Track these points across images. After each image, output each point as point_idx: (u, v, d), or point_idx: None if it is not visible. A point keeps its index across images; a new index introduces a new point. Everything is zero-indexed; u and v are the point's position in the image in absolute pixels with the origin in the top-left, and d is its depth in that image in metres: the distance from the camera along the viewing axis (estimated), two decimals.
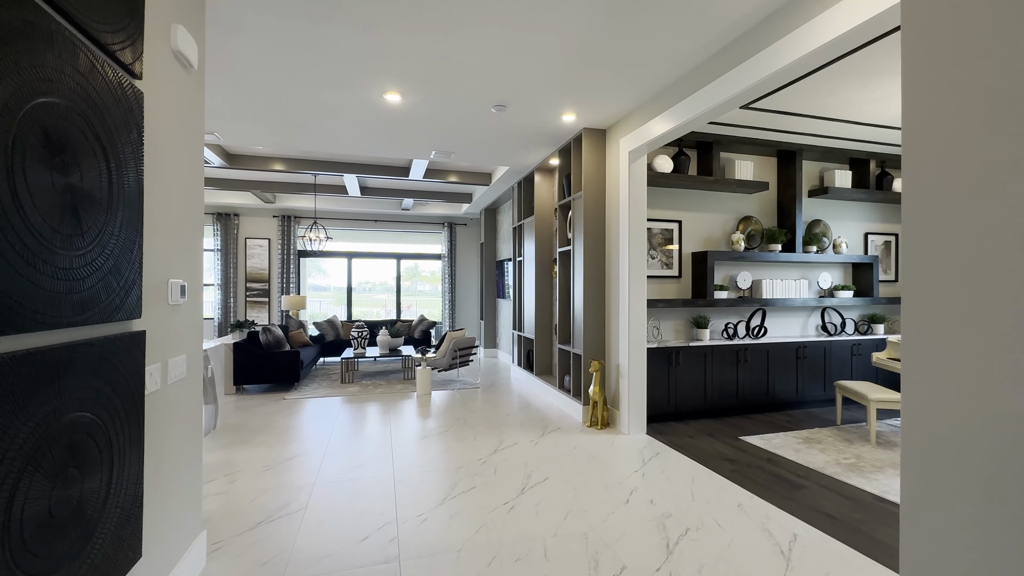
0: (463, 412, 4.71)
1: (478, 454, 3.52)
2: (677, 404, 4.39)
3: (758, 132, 4.53)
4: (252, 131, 4.54)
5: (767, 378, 4.67)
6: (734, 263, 4.96)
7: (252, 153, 5.77)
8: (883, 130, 4.46)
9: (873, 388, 3.95)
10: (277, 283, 8.45)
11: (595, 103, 3.81)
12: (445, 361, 5.82)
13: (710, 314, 4.86)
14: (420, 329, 8.10)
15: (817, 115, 4.11)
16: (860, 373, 5.00)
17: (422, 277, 10.22)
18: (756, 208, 5.03)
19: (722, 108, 3.09)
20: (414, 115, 4.08)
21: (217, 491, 2.85)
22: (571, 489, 2.89)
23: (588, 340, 4.36)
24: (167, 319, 1.74)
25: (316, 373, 6.81)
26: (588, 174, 4.38)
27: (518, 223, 6.42)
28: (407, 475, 3.11)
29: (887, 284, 5.57)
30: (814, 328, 5.25)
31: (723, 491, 2.88)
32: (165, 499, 1.75)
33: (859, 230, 5.46)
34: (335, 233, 8.82)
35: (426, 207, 8.73)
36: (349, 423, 4.31)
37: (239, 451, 3.57)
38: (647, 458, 3.44)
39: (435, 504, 2.69)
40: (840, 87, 3.56)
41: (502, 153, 5.25)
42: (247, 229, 8.38)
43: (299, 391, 5.61)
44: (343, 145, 4.99)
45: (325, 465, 3.28)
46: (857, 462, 3.37)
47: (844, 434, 4.02)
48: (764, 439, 3.88)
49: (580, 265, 4.43)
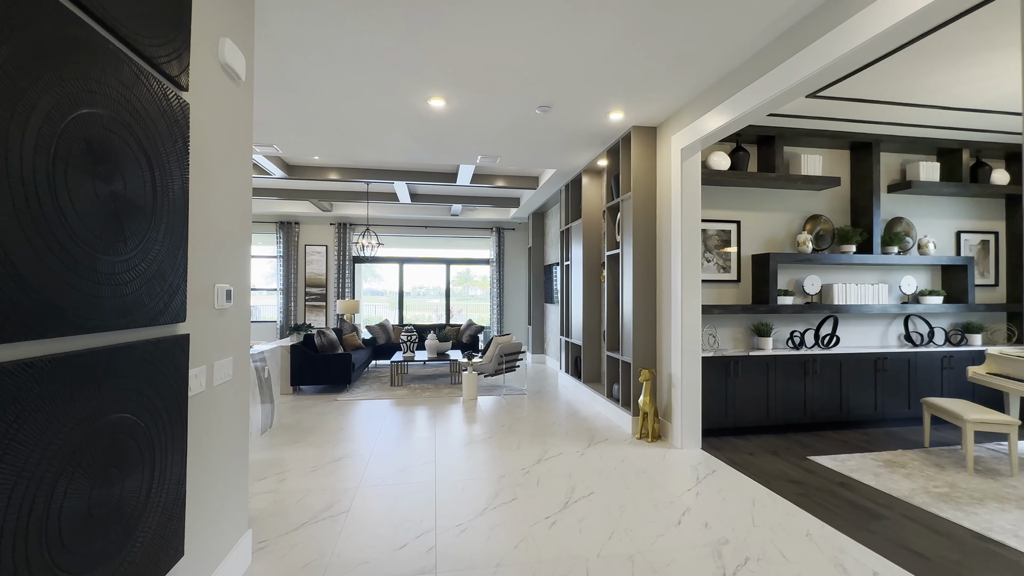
0: (508, 419, 4.64)
1: (521, 463, 3.42)
2: (736, 418, 4.08)
3: (827, 123, 4.15)
4: (308, 142, 4.74)
5: (839, 392, 4.25)
6: (800, 266, 4.57)
7: (309, 164, 6.04)
8: (980, 115, 3.95)
9: (969, 407, 3.47)
10: (333, 288, 8.81)
11: (644, 99, 3.64)
12: (491, 366, 5.78)
13: (773, 321, 4.50)
14: (468, 334, 8.15)
15: (898, 101, 3.70)
16: (952, 389, 4.44)
17: (473, 282, 10.30)
18: (826, 206, 4.62)
19: (785, 98, 2.83)
20: (458, 120, 4.09)
21: (267, 489, 2.95)
22: (617, 506, 2.73)
23: (638, 347, 4.16)
24: (213, 322, 1.79)
25: (368, 375, 7.00)
26: (638, 174, 4.19)
27: (565, 226, 6.29)
28: (449, 482, 3.07)
29: (985, 289, 4.93)
30: (896, 338, 4.73)
31: (788, 517, 2.61)
32: (210, 499, 1.79)
33: (950, 228, 4.87)
34: (387, 239, 9.08)
35: (474, 212, 8.80)
36: (396, 426, 4.36)
37: (291, 450, 3.69)
38: (702, 476, 3.20)
39: (475, 514, 2.63)
40: (923, 69, 3.17)
41: (548, 155, 5.16)
42: (306, 237, 8.80)
43: (351, 393, 5.78)
44: (392, 153, 5.10)
45: (370, 468, 3.32)
46: (951, 491, 2.96)
47: (933, 458, 3.56)
48: (836, 460, 3.51)
49: (629, 269, 4.25)
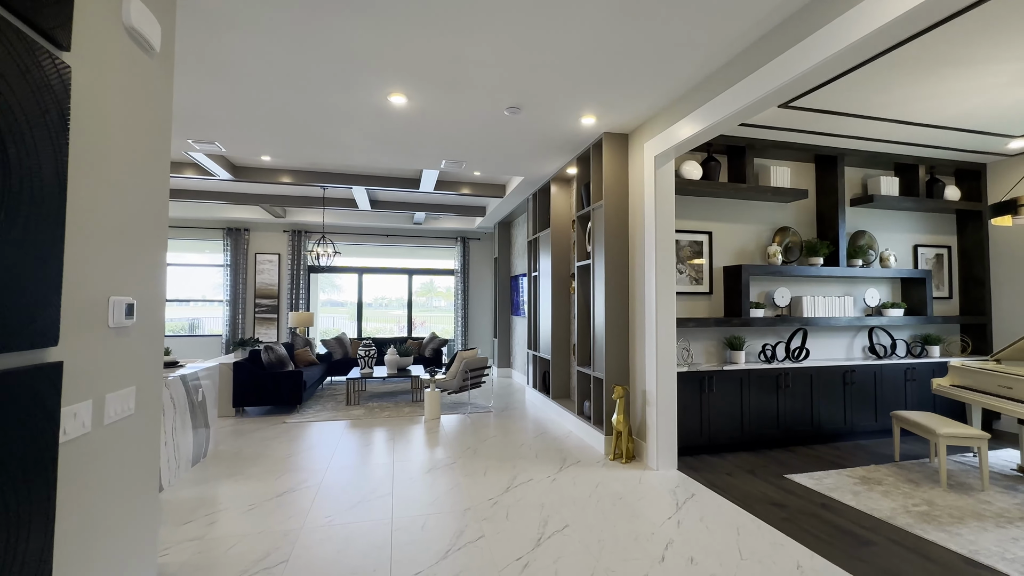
0: (473, 440, 4.33)
1: (488, 492, 3.13)
2: (711, 435, 3.94)
3: (795, 135, 4.14)
4: (255, 140, 4.33)
5: (811, 406, 4.20)
6: (771, 278, 4.53)
7: (258, 165, 5.59)
8: (937, 131, 4.04)
9: (940, 421, 3.45)
10: (287, 299, 8.25)
11: (617, 104, 3.49)
12: (455, 383, 5.46)
13: (745, 334, 4.42)
14: (431, 347, 7.78)
15: (863, 114, 3.72)
16: (914, 400, 4.48)
17: (437, 293, 9.95)
18: (793, 218, 4.62)
19: (758, 106, 2.74)
20: (422, 120, 3.82)
21: (192, 536, 2.52)
22: (595, 541, 2.48)
23: (611, 363, 3.97)
24: (105, 345, 1.43)
25: (322, 394, 6.50)
26: (609, 182, 4.04)
27: (533, 236, 6.09)
28: (407, 519, 2.74)
29: (940, 301, 5.06)
30: (861, 350, 4.75)
31: (776, 547, 2.43)
32: (97, 568, 1.41)
33: (908, 242, 4.98)
34: (346, 248, 8.62)
35: (439, 221, 8.49)
36: (349, 452, 3.97)
37: (227, 485, 3.24)
38: (681, 501, 3.00)
39: (436, 558, 2.31)
40: (892, 82, 3.17)
41: (516, 162, 4.95)
42: (257, 244, 8.22)
43: (301, 414, 5.30)
44: (350, 155, 4.75)
45: (317, 504, 2.93)
46: (930, 510, 2.89)
47: (906, 473, 3.52)
48: (814, 478, 3.41)
49: (601, 280, 4.07)
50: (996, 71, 3.00)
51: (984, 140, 4.27)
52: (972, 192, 4.95)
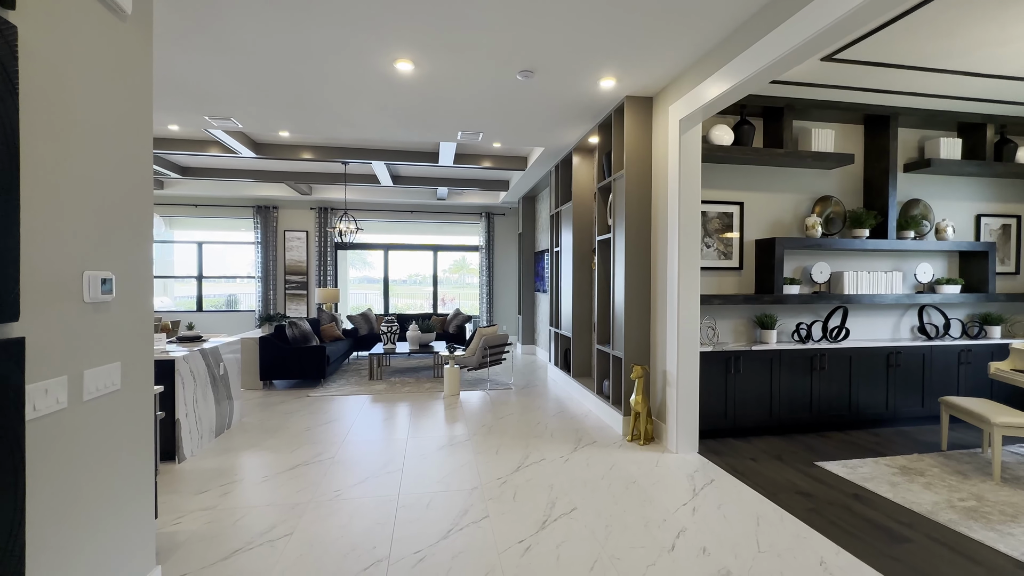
0: (490, 417, 4.29)
1: (498, 471, 3.07)
2: (736, 418, 3.74)
3: (841, 93, 3.74)
4: (269, 115, 4.30)
5: (848, 389, 3.91)
6: (808, 252, 4.19)
7: (278, 141, 5.59)
8: (1010, 84, 3.55)
9: (995, 408, 3.13)
10: (315, 275, 8.40)
11: (638, 63, 3.22)
12: (475, 360, 5.42)
13: (777, 312, 4.14)
14: (455, 324, 7.77)
15: (921, 66, 3.29)
16: (968, 386, 4.10)
17: (469, 269, 9.92)
18: (837, 186, 4.23)
19: (795, 58, 2.43)
20: (432, 88, 3.66)
21: (206, 505, 2.58)
22: (602, 526, 2.39)
23: (630, 341, 3.80)
24: (80, 321, 1.40)
25: (347, 368, 6.63)
26: (631, 150, 3.78)
27: (555, 210, 5.89)
28: (414, 496, 2.72)
29: (1005, 277, 4.57)
30: (909, 330, 4.38)
31: (799, 540, 2.27)
32: (83, 543, 1.42)
33: (969, 211, 4.49)
34: (371, 225, 8.65)
35: (462, 196, 8.37)
36: (367, 427, 4.01)
37: (246, 455, 3.33)
38: (699, 486, 2.86)
39: (438, 537, 2.28)
40: (957, 24, 2.76)
41: (535, 132, 4.73)
42: (286, 222, 8.36)
43: (325, 388, 5.41)
44: (365, 128, 4.66)
45: (328, 478, 2.96)
46: (978, 505, 2.63)
47: (954, 464, 3.23)
48: (847, 467, 3.18)
49: (621, 254, 3.87)
50: None
51: None
52: None
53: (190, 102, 3.97)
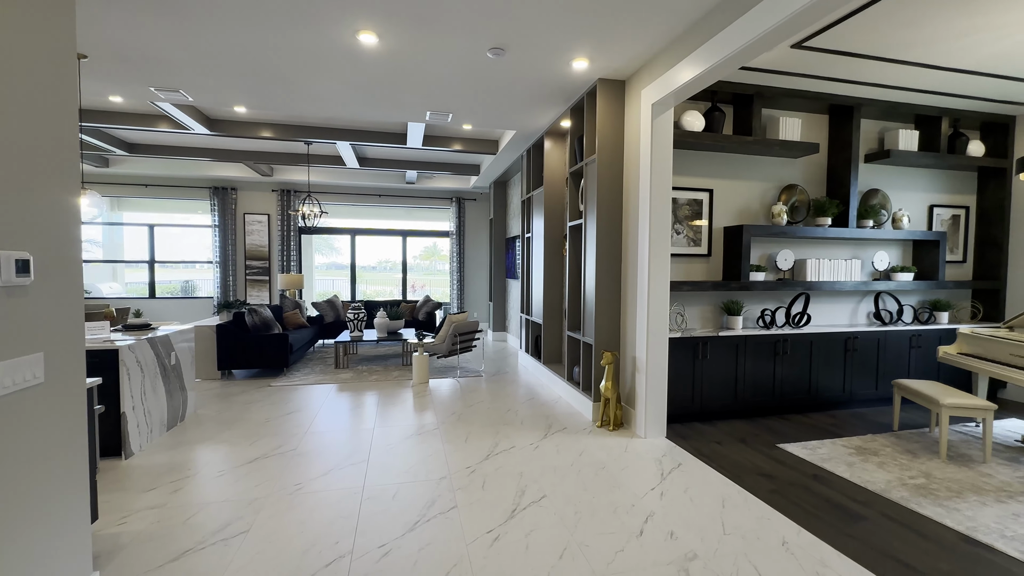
0: (460, 405, 4.23)
1: (467, 460, 3.02)
2: (703, 402, 3.80)
3: (809, 82, 3.78)
4: (223, 87, 4.02)
5: (809, 373, 4.03)
6: (774, 240, 4.27)
7: (234, 117, 5.27)
8: (966, 78, 3.66)
9: (944, 390, 3.28)
10: (278, 261, 8.07)
11: (611, 43, 3.14)
12: (444, 347, 5.33)
13: (743, 299, 4.21)
14: (425, 311, 7.64)
15: (885, 56, 3.35)
16: (919, 369, 4.31)
17: (440, 256, 9.76)
18: (802, 175, 4.30)
19: (767, 42, 2.42)
20: (399, 64, 3.49)
21: (154, 503, 2.43)
22: (572, 513, 2.37)
23: (601, 327, 3.79)
24: None
25: (311, 357, 6.42)
26: (603, 134, 3.73)
27: (527, 196, 5.81)
28: (380, 487, 2.64)
29: (953, 265, 4.79)
30: (865, 316, 4.55)
31: (762, 521, 2.31)
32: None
33: (923, 202, 4.67)
34: (337, 209, 8.35)
35: (432, 180, 8.16)
36: (331, 417, 3.88)
37: (199, 450, 3.16)
38: (667, 470, 2.89)
39: (405, 529, 2.21)
40: (922, 14, 2.80)
41: (506, 114, 4.61)
42: (245, 204, 7.97)
43: (288, 377, 5.22)
44: (328, 105, 4.43)
45: (289, 470, 2.84)
46: (927, 483, 2.76)
47: (904, 443, 3.38)
48: (807, 448, 3.28)
49: (593, 240, 3.83)
50: None
51: (1016, 88, 3.89)
52: (997, 148, 4.59)
53: (133, 71, 3.66)
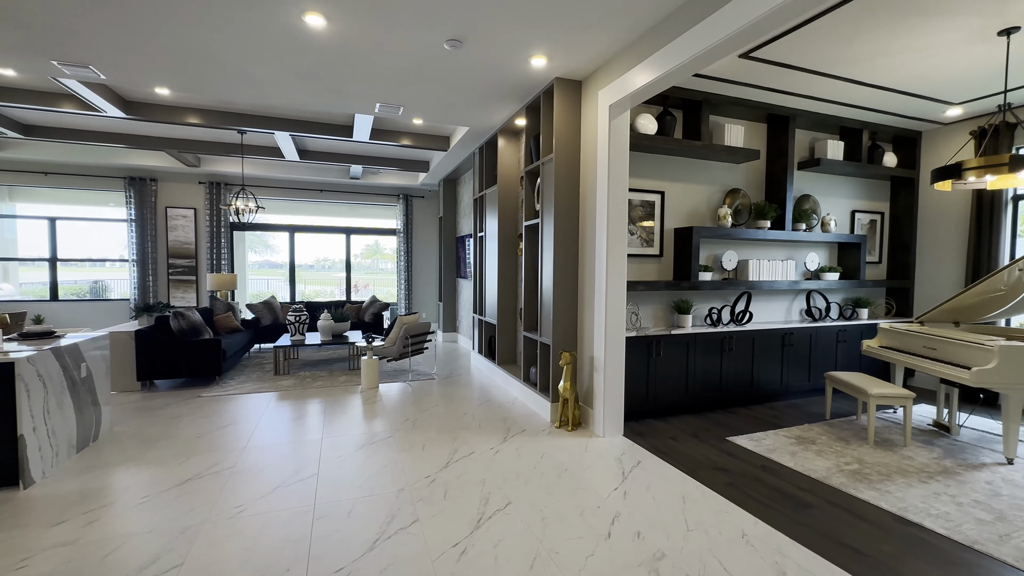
0: (413, 410, 4.07)
1: (426, 469, 2.89)
2: (656, 399, 3.90)
3: (752, 92, 3.98)
4: (143, 66, 3.59)
5: (751, 368, 4.25)
6: (720, 241, 4.46)
7: (156, 100, 4.76)
8: (885, 95, 4.00)
9: (871, 381, 3.56)
10: (206, 259, 7.42)
11: (570, 41, 3.13)
12: (395, 350, 5.12)
13: (693, 298, 4.37)
14: (371, 312, 7.33)
15: (820, 70, 3.59)
16: (844, 361, 4.67)
17: (384, 255, 9.43)
18: (744, 180, 4.53)
19: (719, 51, 2.52)
20: (349, 51, 3.28)
21: (64, 540, 2.10)
22: (539, 519, 2.32)
23: (558, 328, 3.78)
24: None
25: (247, 363, 5.96)
26: (561, 133, 3.72)
27: (479, 194, 5.71)
28: (332, 504, 2.45)
29: (872, 266, 5.25)
30: (798, 313, 4.87)
31: (721, 515, 2.38)
32: None
33: (847, 207, 5.08)
34: (274, 204, 7.82)
35: (378, 176, 7.85)
36: (273, 428, 3.59)
37: (118, 473, 2.80)
38: (628, 469, 2.91)
39: (362, 550, 2.05)
40: (858, 32, 3.02)
41: (461, 109, 4.49)
42: (168, 196, 7.25)
43: (221, 386, 4.79)
44: (267, 92, 4.10)
45: (227, 491, 2.57)
46: (861, 468, 2.97)
47: (837, 431, 3.64)
48: (754, 440, 3.45)
49: (550, 240, 3.81)
50: (958, 26, 2.91)
51: (925, 107, 4.31)
52: (907, 159, 5.08)
53: (32, 40, 3.18)
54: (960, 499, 2.57)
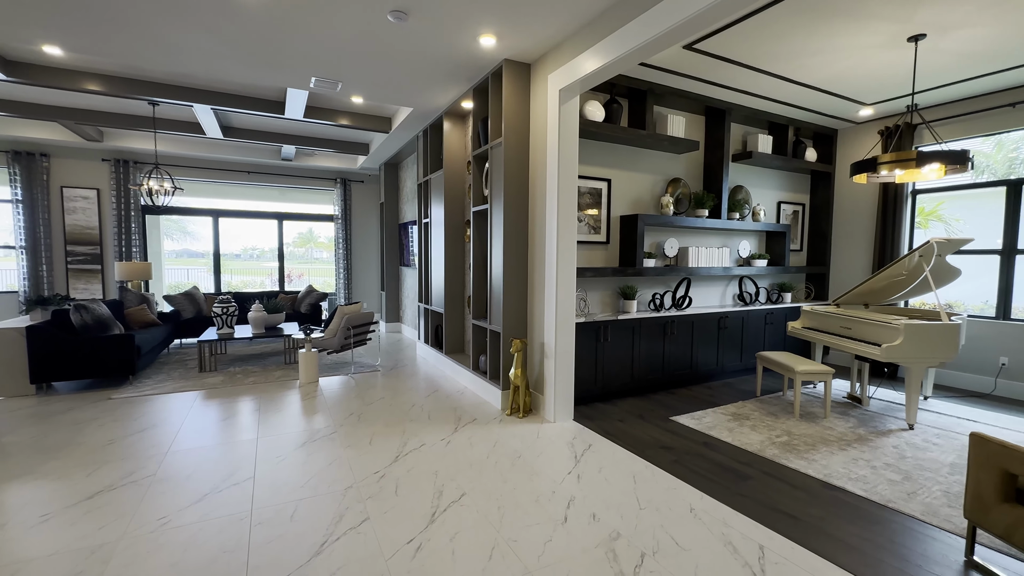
0: (358, 404, 3.88)
1: (374, 464, 2.76)
2: (604, 383, 3.98)
3: (692, 84, 4.11)
4: (29, 20, 3.08)
5: (691, 351, 4.46)
6: (662, 229, 4.61)
7: (45, 62, 4.12)
8: (809, 92, 4.29)
9: (796, 359, 3.85)
10: (113, 247, 6.64)
11: (521, 22, 3.05)
12: (336, 341, 4.86)
13: (638, 284, 4.50)
14: (308, 303, 6.92)
15: (755, 66, 3.76)
16: (771, 342, 5.03)
17: (319, 243, 8.92)
18: (685, 170, 4.70)
19: (665, 40, 2.58)
20: (283, 17, 2.99)
21: None
22: (495, 508, 2.29)
23: (508, 315, 3.74)
24: None
25: (167, 360, 5.43)
26: (510, 117, 3.64)
27: (424, 179, 5.52)
28: (272, 508, 2.27)
29: (795, 253, 5.67)
30: (732, 297, 5.17)
31: (671, 492, 2.46)
32: None
33: (774, 198, 5.43)
34: (196, 186, 7.14)
35: (313, 158, 7.38)
36: (200, 429, 3.28)
37: (9, 491, 2.43)
38: (580, 452, 2.95)
39: (308, 555, 1.91)
40: (790, 30, 3.18)
41: (404, 88, 4.28)
42: (63, 175, 6.39)
43: (136, 386, 4.32)
44: (186, 59, 3.68)
45: (148, 502, 2.31)
46: (790, 440, 3.20)
47: (767, 407, 3.91)
48: (695, 418, 3.62)
49: (499, 227, 3.75)
50: (876, 29, 3.15)
51: (842, 106, 4.67)
52: (825, 155, 5.50)
53: None
54: (874, 463, 2.84)
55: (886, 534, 2.11)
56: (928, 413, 3.77)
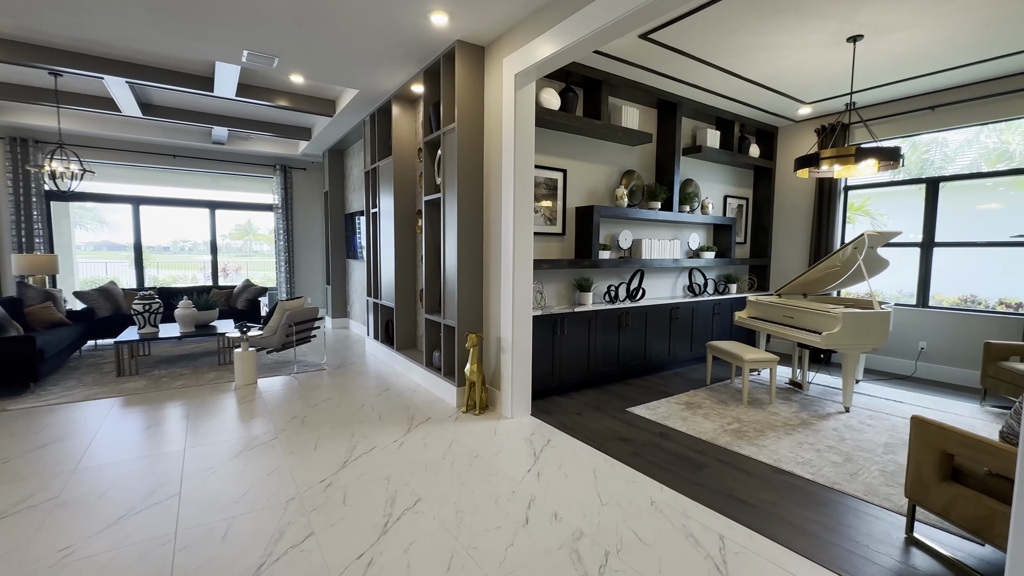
0: (301, 406, 3.62)
1: (320, 472, 2.56)
2: (561, 376, 3.94)
3: (646, 75, 4.11)
4: None
5: (644, 342, 4.51)
6: (617, 221, 4.62)
7: None
8: (755, 89, 4.41)
9: (744, 348, 3.97)
10: (9, 237, 5.85)
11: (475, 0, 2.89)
12: (276, 339, 4.52)
13: (594, 276, 4.48)
14: (245, 298, 6.43)
15: (706, 59, 3.81)
16: (719, 332, 5.19)
17: (258, 235, 8.31)
18: (638, 162, 4.73)
19: (621, 26, 2.55)
20: None
21: None
22: (453, 513, 2.16)
23: (463, 309, 3.60)
24: None
25: (77, 364, 4.85)
26: (463, 101, 3.48)
27: (372, 166, 5.23)
28: (202, 528, 2.03)
29: (740, 246, 5.89)
30: (682, 289, 5.28)
31: (630, 485, 2.44)
32: None
33: (720, 192, 5.59)
34: (112, 171, 6.42)
35: (249, 142, 6.83)
36: (115, 442, 2.92)
37: None
38: (538, 449, 2.88)
39: None
40: (741, 24, 3.22)
41: (349, 67, 4.00)
42: None
43: (39, 395, 3.81)
44: (96, 22, 3.22)
45: (49, 529, 2.00)
46: (740, 427, 3.29)
47: (717, 395, 4.01)
48: (650, 409, 3.65)
49: (453, 217, 3.59)
50: (819, 28, 3.25)
51: (782, 103, 4.86)
52: (767, 152, 5.73)
53: None
54: (817, 446, 2.96)
55: (834, 516, 2.18)
56: (861, 396, 4.02)
